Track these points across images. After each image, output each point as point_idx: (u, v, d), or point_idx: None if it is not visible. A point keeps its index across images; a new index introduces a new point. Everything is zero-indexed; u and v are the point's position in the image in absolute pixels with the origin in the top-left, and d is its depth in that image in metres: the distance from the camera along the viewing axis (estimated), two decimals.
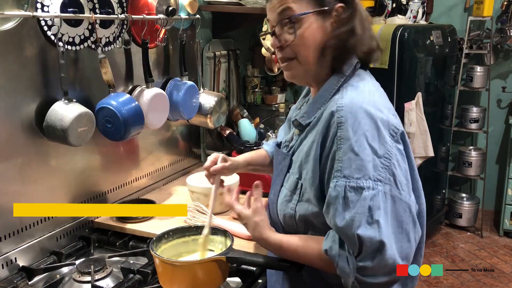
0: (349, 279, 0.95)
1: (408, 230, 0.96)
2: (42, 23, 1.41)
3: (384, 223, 0.92)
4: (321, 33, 1.02)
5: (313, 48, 1.03)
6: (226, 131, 2.35)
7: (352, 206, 0.93)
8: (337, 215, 0.94)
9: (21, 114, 1.41)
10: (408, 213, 0.96)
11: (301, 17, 1.01)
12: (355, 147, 0.93)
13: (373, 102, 0.99)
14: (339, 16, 1.02)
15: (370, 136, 0.94)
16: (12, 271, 1.40)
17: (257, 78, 2.72)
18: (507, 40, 3.61)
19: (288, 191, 1.09)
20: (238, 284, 1.35)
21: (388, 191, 0.94)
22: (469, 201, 3.86)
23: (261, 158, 1.44)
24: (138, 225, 1.65)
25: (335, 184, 0.95)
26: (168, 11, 1.79)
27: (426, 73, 3.29)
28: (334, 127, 0.97)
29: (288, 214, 1.08)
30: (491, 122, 3.80)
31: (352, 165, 0.93)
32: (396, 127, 0.99)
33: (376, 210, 0.92)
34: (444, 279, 3.17)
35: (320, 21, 1.02)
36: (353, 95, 1.00)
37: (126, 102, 1.60)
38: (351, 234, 0.92)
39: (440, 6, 3.87)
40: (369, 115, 0.95)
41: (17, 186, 1.42)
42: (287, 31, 1.03)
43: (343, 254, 0.95)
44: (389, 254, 0.92)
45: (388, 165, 0.94)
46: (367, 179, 0.93)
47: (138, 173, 1.93)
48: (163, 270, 1.19)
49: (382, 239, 0.91)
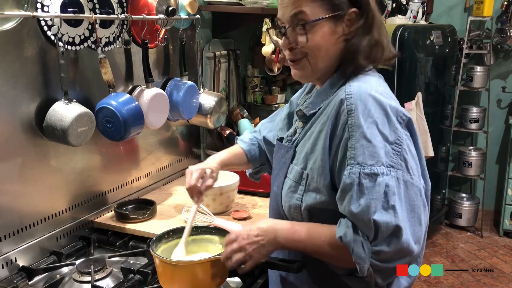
0: (364, 265, 0.96)
1: (420, 213, 0.98)
2: (42, 23, 1.41)
3: (399, 208, 0.94)
4: (333, 37, 1.02)
5: (324, 52, 1.04)
6: (226, 131, 2.35)
7: (367, 192, 0.94)
8: (352, 202, 0.95)
9: (21, 114, 1.41)
10: (419, 196, 0.98)
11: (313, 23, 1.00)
12: (367, 134, 0.95)
13: (381, 90, 1.00)
14: (352, 21, 1.02)
15: (380, 122, 0.96)
16: (12, 271, 1.40)
17: (257, 78, 2.72)
18: (507, 40, 3.61)
19: (293, 182, 1.09)
20: (238, 284, 1.36)
21: (401, 176, 0.96)
22: (469, 201, 3.86)
23: (237, 159, 1.41)
24: (138, 225, 1.65)
25: (349, 172, 0.96)
26: (168, 11, 1.79)
27: (426, 73, 3.29)
28: (344, 115, 0.98)
29: (294, 204, 1.08)
30: (491, 122, 3.80)
31: (365, 152, 0.95)
32: (404, 113, 1.00)
33: (392, 195, 0.94)
34: (444, 279, 3.17)
35: (333, 26, 1.02)
36: (360, 84, 1.01)
37: (126, 102, 1.60)
38: (367, 219, 0.93)
39: (440, 6, 3.87)
40: (378, 102, 0.97)
41: (17, 186, 1.42)
42: (299, 34, 1.03)
43: (358, 239, 0.95)
44: (404, 238, 0.94)
45: (399, 150, 0.96)
46: (380, 165, 0.94)
47: (138, 173, 1.93)
48: (163, 270, 1.19)
49: (399, 223, 0.93)
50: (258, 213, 1.76)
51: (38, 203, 1.49)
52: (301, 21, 1.01)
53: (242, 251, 1.06)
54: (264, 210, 1.79)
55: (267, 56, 2.34)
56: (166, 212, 1.78)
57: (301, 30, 1.02)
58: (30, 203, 1.46)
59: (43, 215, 1.51)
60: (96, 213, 1.71)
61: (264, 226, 1.08)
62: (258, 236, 1.06)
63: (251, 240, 1.06)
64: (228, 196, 1.74)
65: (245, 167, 1.46)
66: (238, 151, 1.42)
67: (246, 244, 1.06)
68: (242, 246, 1.06)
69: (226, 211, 1.76)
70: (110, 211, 1.75)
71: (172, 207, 1.83)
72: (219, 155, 1.39)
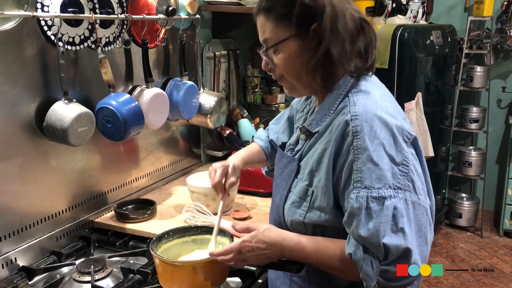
0: (371, 283, 0.96)
1: (426, 232, 0.98)
2: (42, 23, 1.41)
3: (408, 230, 0.94)
4: (303, 55, 1.01)
5: (296, 70, 1.04)
6: (226, 131, 2.35)
7: (375, 216, 0.93)
8: (360, 226, 0.95)
9: (21, 114, 1.41)
10: (425, 216, 0.98)
11: (279, 44, 1.01)
12: (374, 157, 0.94)
13: (386, 108, 0.99)
14: (318, 35, 0.99)
15: (387, 144, 0.95)
16: (12, 271, 1.40)
17: (257, 78, 2.72)
18: (507, 40, 3.61)
19: (297, 197, 1.08)
20: (238, 284, 1.36)
21: (409, 197, 0.95)
22: (469, 201, 3.86)
23: (256, 156, 1.42)
24: (138, 225, 1.65)
25: (356, 196, 0.95)
26: (168, 11, 1.79)
27: (426, 73, 3.29)
28: (350, 136, 0.96)
29: (296, 220, 1.07)
30: (491, 122, 3.80)
31: (372, 175, 0.94)
32: (410, 132, 0.99)
33: (400, 217, 0.93)
34: (444, 279, 3.17)
35: (300, 43, 1.00)
36: (365, 102, 0.99)
37: (126, 102, 1.60)
38: (377, 243, 0.93)
39: (440, 6, 3.87)
40: (384, 122, 0.96)
41: (17, 186, 1.42)
42: (269, 57, 1.06)
43: (367, 258, 0.95)
44: (413, 260, 0.94)
45: (406, 171, 0.96)
46: (388, 188, 0.94)
47: (138, 173, 1.93)
48: (163, 270, 1.19)
49: (408, 246, 0.93)
50: (258, 213, 1.76)
51: (38, 203, 1.49)
52: (267, 45, 1.04)
53: (246, 261, 1.09)
54: (264, 210, 1.79)
55: None
56: (166, 212, 1.78)
57: (271, 52, 1.05)
58: (30, 203, 1.46)
59: (43, 215, 1.51)
60: (96, 213, 1.71)
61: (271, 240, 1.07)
62: (265, 250, 1.07)
63: (257, 253, 1.07)
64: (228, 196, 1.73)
65: (264, 164, 1.46)
66: (257, 149, 1.43)
67: (251, 255, 1.08)
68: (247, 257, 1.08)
69: (226, 211, 1.76)
70: (110, 211, 1.75)
71: (172, 207, 1.83)
72: (240, 153, 1.39)
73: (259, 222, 1.19)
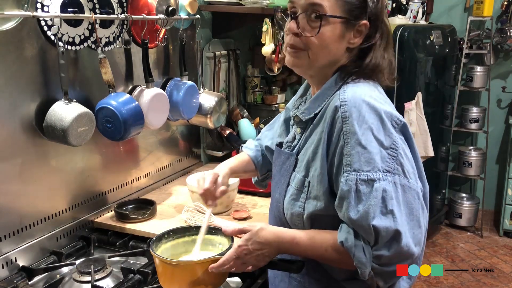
0: (366, 269, 0.96)
1: (419, 216, 0.99)
2: (42, 23, 1.41)
3: (398, 212, 0.95)
4: (340, 41, 1.03)
5: (328, 51, 1.04)
6: (226, 131, 2.35)
7: (364, 198, 0.95)
8: (350, 209, 0.96)
9: (21, 114, 1.41)
10: (417, 199, 0.99)
11: (329, 18, 1.00)
12: (362, 140, 0.95)
13: (375, 96, 1.01)
14: (361, 32, 1.03)
15: (375, 128, 0.96)
16: (12, 271, 1.40)
17: (257, 78, 2.72)
18: (507, 40, 3.61)
19: (295, 190, 1.09)
20: (238, 284, 1.36)
21: (398, 180, 0.96)
22: (469, 201, 3.86)
23: (245, 165, 1.40)
24: (138, 225, 1.65)
25: (346, 179, 0.97)
26: (168, 11, 1.79)
27: (426, 73, 3.29)
28: (339, 122, 0.98)
29: (296, 212, 1.08)
30: (491, 122, 3.80)
31: (361, 158, 0.95)
32: (399, 118, 1.01)
33: (389, 200, 0.94)
34: (444, 279, 3.17)
35: (343, 29, 1.02)
36: (354, 90, 1.01)
37: (126, 102, 1.60)
38: (367, 225, 0.94)
39: (440, 6, 3.87)
40: (372, 107, 0.97)
41: (17, 186, 1.42)
42: (310, 24, 1.01)
43: (359, 244, 0.96)
44: (404, 242, 0.95)
45: (395, 155, 0.97)
46: (377, 171, 0.95)
47: (138, 173, 1.93)
48: (163, 270, 1.19)
49: (398, 227, 0.94)
50: (258, 213, 1.76)
51: (38, 203, 1.49)
52: (318, 12, 1.00)
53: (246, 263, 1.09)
54: (264, 210, 1.79)
55: (267, 56, 2.34)
56: (166, 212, 1.78)
57: (314, 21, 1.00)
58: (30, 203, 1.46)
59: (43, 215, 1.51)
60: (96, 213, 1.71)
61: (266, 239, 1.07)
62: (262, 249, 1.07)
63: (255, 254, 1.08)
64: (228, 196, 1.73)
65: (253, 174, 1.44)
66: (246, 158, 1.41)
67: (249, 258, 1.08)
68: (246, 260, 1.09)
69: (226, 211, 1.76)
70: (110, 211, 1.75)
71: (172, 207, 1.83)
72: (228, 163, 1.38)
73: (251, 223, 1.19)
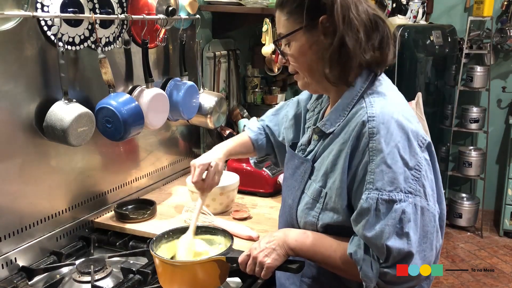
0: (371, 284, 0.96)
1: (432, 239, 0.98)
2: (42, 23, 1.41)
3: (413, 235, 0.94)
4: (313, 48, 1.02)
5: (307, 64, 1.04)
6: (226, 131, 2.35)
7: (382, 217, 0.94)
8: (367, 226, 0.95)
9: (21, 114, 1.41)
10: (433, 222, 0.98)
11: (291, 36, 1.02)
12: (388, 159, 0.94)
13: (402, 112, 0.99)
14: (326, 28, 1.00)
15: (401, 147, 0.95)
16: (12, 271, 1.40)
17: (257, 78, 2.72)
18: (507, 40, 3.61)
19: (310, 199, 1.08)
20: (238, 284, 1.36)
21: (418, 202, 0.95)
22: (469, 201, 3.87)
23: (243, 148, 1.41)
24: (138, 225, 1.65)
25: (367, 196, 0.95)
26: (168, 11, 1.79)
27: (426, 73, 3.29)
28: (365, 138, 0.96)
29: (310, 221, 1.08)
30: (491, 122, 3.80)
31: (385, 177, 0.94)
32: (424, 137, 1.00)
33: (407, 222, 0.93)
34: (444, 279, 3.17)
35: (309, 36, 1.01)
36: (383, 104, 0.99)
37: (126, 102, 1.60)
38: (380, 244, 0.93)
39: (440, 6, 3.87)
40: (400, 126, 0.96)
41: (17, 186, 1.42)
42: (286, 51, 1.07)
43: (368, 258, 0.96)
44: (414, 264, 0.94)
45: (418, 176, 0.96)
46: (399, 191, 0.94)
47: (138, 173, 1.93)
48: (163, 270, 1.19)
49: (411, 250, 0.93)
50: (258, 213, 1.76)
51: (38, 203, 1.49)
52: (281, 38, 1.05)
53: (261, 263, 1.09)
54: (264, 210, 1.79)
55: (267, 56, 2.34)
56: (166, 212, 1.78)
57: (285, 46, 1.06)
58: (30, 203, 1.46)
59: (43, 215, 1.51)
60: (96, 213, 1.71)
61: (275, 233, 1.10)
62: (269, 242, 1.09)
63: (262, 248, 1.08)
64: (228, 196, 1.74)
65: (251, 155, 1.46)
66: (245, 140, 1.42)
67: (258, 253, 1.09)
68: (254, 256, 1.09)
69: (226, 211, 1.76)
70: (110, 211, 1.75)
71: (172, 207, 1.83)
72: (226, 144, 1.39)
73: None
